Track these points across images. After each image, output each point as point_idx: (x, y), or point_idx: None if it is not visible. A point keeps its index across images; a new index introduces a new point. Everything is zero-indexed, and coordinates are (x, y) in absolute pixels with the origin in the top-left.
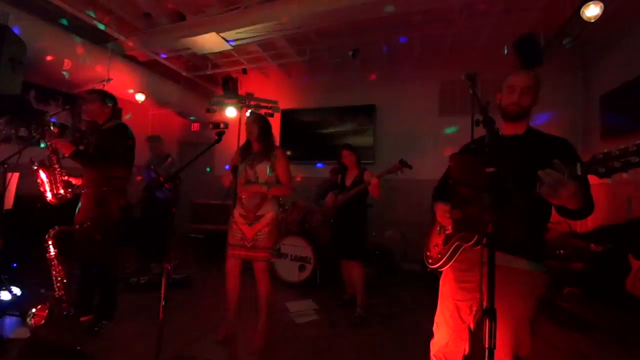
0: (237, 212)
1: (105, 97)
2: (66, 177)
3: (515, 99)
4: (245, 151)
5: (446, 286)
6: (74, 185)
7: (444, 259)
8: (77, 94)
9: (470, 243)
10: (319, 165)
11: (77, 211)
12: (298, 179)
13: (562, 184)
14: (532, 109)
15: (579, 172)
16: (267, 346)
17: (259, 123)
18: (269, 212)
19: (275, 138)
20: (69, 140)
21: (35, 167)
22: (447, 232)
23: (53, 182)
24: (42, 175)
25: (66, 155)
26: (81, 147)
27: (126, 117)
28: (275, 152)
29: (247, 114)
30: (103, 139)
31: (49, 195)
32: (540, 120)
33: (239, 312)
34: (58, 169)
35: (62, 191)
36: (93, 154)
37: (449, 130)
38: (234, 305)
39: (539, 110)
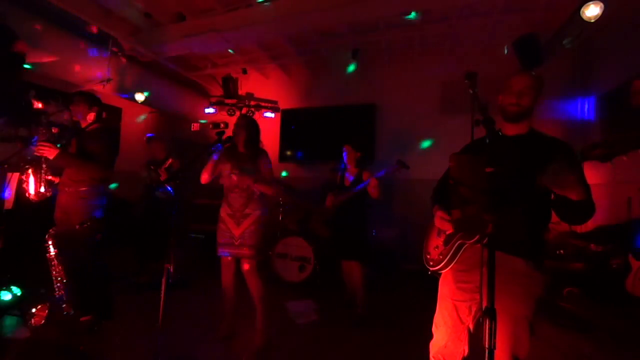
0: (224, 211)
1: (91, 100)
2: (50, 177)
3: (514, 100)
4: (230, 153)
5: (445, 287)
6: (55, 183)
7: (446, 260)
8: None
9: (473, 240)
10: (317, 165)
11: (56, 210)
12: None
13: (564, 172)
14: (533, 111)
15: (579, 158)
16: (267, 346)
17: (248, 129)
18: (255, 211)
19: (262, 142)
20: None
21: (27, 167)
22: (447, 233)
23: (38, 180)
24: (30, 173)
25: (50, 157)
26: (72, 151)
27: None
28: (261, 155)
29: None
30: (87, 140)
31: (31, 192)
32: (542, 118)
33: (237, 310)
34: (44, 168)
35: (43, 189)
36: (75, 156)
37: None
38: (231, 302)
39: (539, 109)
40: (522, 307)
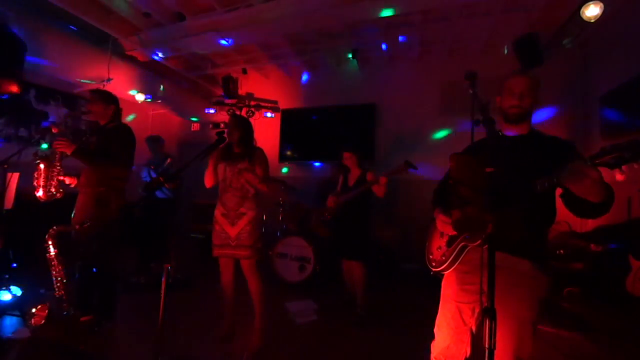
0: (219, 212)
1: (109, 98)
2: (62, 177)
3: (516, 102)
4: (225, 152)
5: (448, 288)
6: (68, 184)
7: (449, 261)
8: (77, 94)
9: (476, 243)
10: (317, 165)
11: (74, 211)
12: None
13: (586, 171)
14: (533, 110)
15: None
16: (266, 345)
17: (241, 128)
18: (250, 211)
19: (255, 140)
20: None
21: (38, 161)
22: (450, 235)
23: (49, 178)
24: (42, 169)
25: (68, 153)
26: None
27: (127, 118)
28: (256, 152)
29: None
30: (106, 138)
31: (40, 191)
32: (541, 119)
33: (237, 310)
34: (58, 167)
35: (53, 190)
36: (95, 152)
37: (440, 134)
38: (231, 301)
39: (538, 109)
40: (527, 308)
